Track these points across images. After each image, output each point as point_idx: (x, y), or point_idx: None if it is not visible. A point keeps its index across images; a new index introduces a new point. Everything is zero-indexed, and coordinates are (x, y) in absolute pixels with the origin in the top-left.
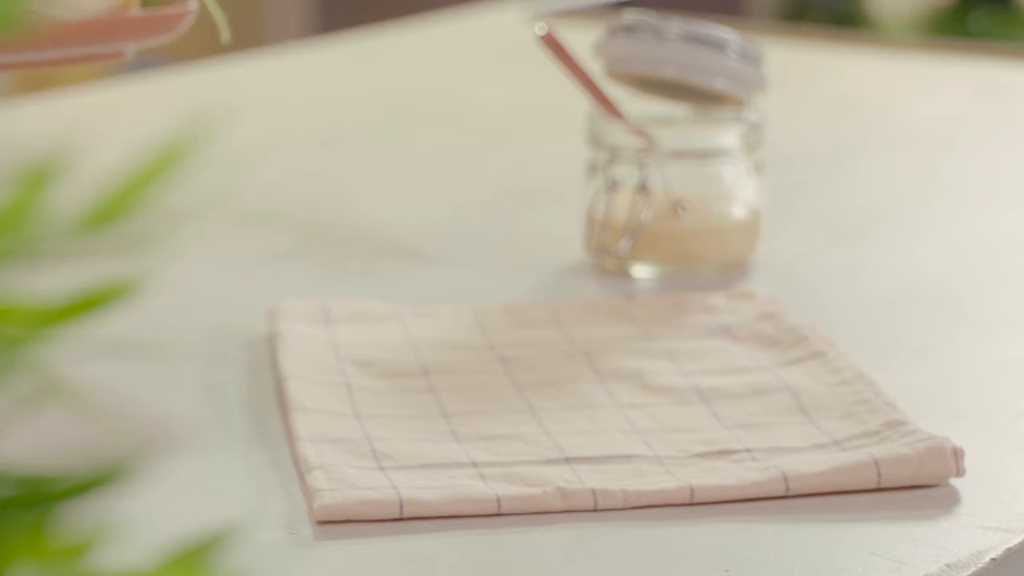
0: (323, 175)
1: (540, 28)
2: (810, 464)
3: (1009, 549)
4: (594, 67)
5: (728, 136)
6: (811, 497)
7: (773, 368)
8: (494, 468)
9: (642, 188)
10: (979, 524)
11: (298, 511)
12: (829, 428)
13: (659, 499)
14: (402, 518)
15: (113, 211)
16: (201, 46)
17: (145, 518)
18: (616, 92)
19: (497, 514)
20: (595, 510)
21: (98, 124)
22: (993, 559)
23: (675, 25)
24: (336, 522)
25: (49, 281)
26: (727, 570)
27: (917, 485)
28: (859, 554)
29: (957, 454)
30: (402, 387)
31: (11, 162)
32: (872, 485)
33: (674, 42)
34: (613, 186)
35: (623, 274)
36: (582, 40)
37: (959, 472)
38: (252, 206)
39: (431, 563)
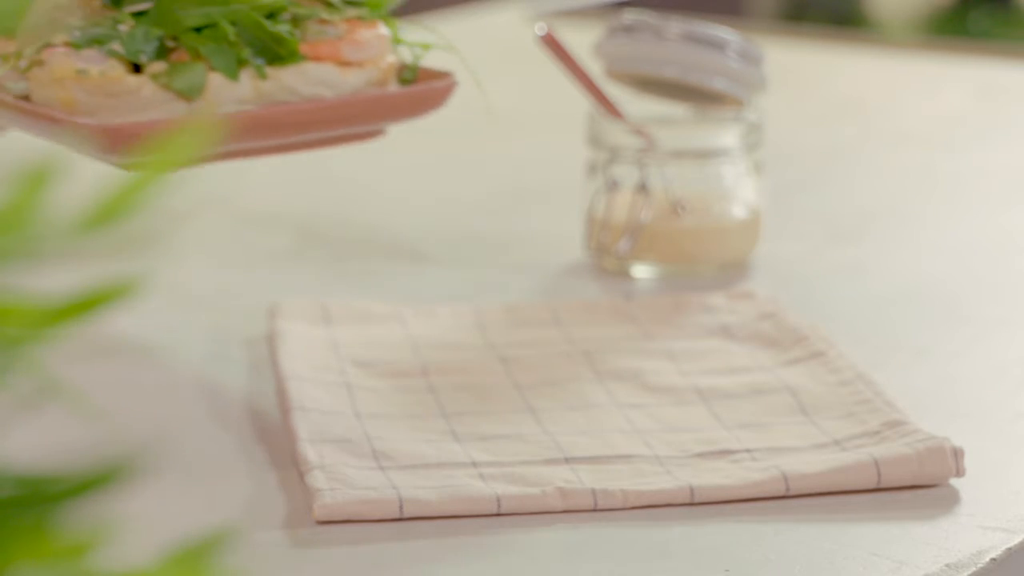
0: (323, 175)
1: (540, 28)
2: (810, 464)
3: (1009, 549)
4: (594, 67)
5: (728, 136)
6: (811, 497)
7: (773, 368)
8: (494, 468)
9: (642, 188)
10: (979, 524)
11: (298, 511)
12: (829, 428)
13: (659, 499)
14: (402, 518)
15: (113, 211)
16: None
17: (145, 518)
18: (616, 92)
19: (497, 514)
20: (595, 510)
21: None
22: (993, 559)
23: (675, 25)
24: (336, 522)
25: (49, 281)
26: (727, 570)
27: (917, 485)
28: (859, 554)
29: (957, 454)
30: (402, 387)
31: (11, 162)
32: (872, 485)
33: (674, 42)
34: (613, 186)
35: (623, 274)
36: (582, 40)
37: (959, 472)
38: (252, 206)
39: (431, 563)
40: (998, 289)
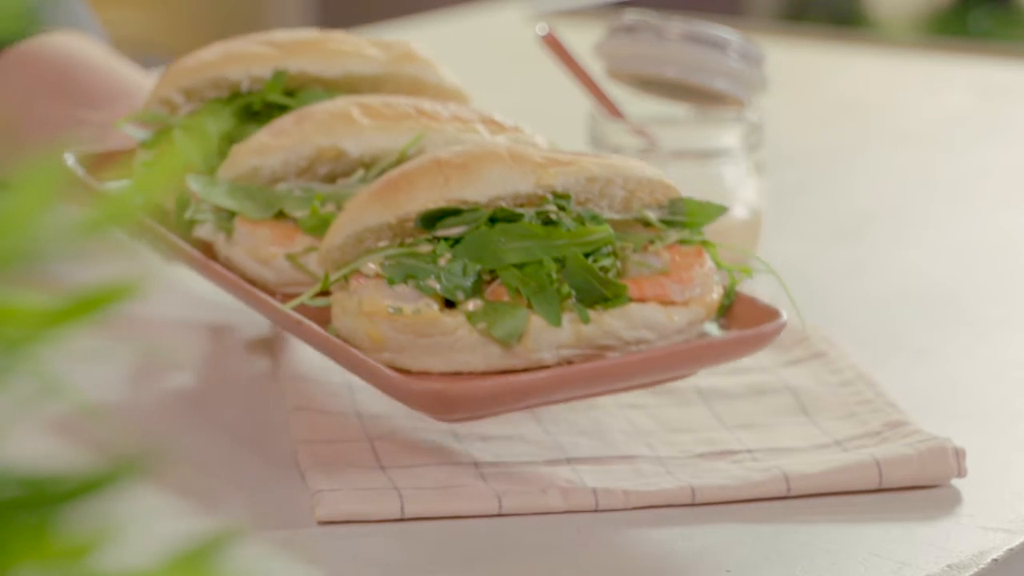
0: None
1: (540, 28)
2: (811, 464)
3: (1011, 550)
4: (595, 67)
5: (729, 136)
6: (812, 497)
7: (774, 368)
8: (495, 468)
9: None
10: (980, 525)
11: (298, 511)
12: (830, 428)
13: (660, 499)
14: (403, 518)
15: (113, 211)
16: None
17: (146, 518)
18: (617, 92)
19: (499, 514)
20: (596, 510)
21: None
22: (995, 560)
23: (676, 25)
24: (337, 522)
25: (49, 281)
26: (728, 570)
27: (918, 486)
28: (860, 554)
29: (959, 455)
30: None
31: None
32: (873, 486)
33: (675, 42)
34: None
35: None
36: (582, 40)
37: (961, 473)
38: None
39: (431, 563)
40: (998, 289)
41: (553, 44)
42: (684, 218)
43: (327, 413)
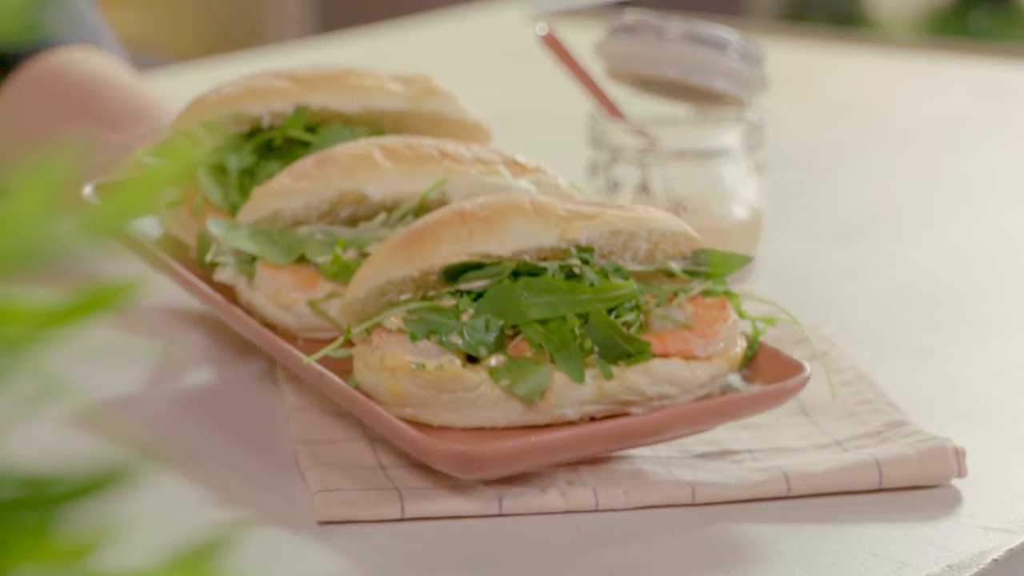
0: None
1: (540, 28)
2: (812, 464)
3: (1011, 550)
4: (595, 67)
5: (729, 136)
6: (812, 498)
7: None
8: None
9: (643, 188)
10: (980, 525)
11: (298, 511)
12: (830, 428)
13: (660, 499)
14: (404, 519)
15: (114, 212)
16: (201, 46)
17: (146, 518)
18: (617, 92)
19: (499, 515)
20: (596, 511)
21: None
22: (995, 560)
23: (676, 25)
24: (337, 522)
25: (49, 281)
26: (727, 570)
27: (918, 486)
28: (860, 554)
29: (959, 455)
30: None
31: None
32: (874, 486)
33: (675, 42)
34: (614, 186)
35: None
36: (582, 40)
37: (961, 473)
38: None
39: (432, 563)
40: (998, 289)
41: (553, 44)
42: (708, 269)
43: (327, 413)
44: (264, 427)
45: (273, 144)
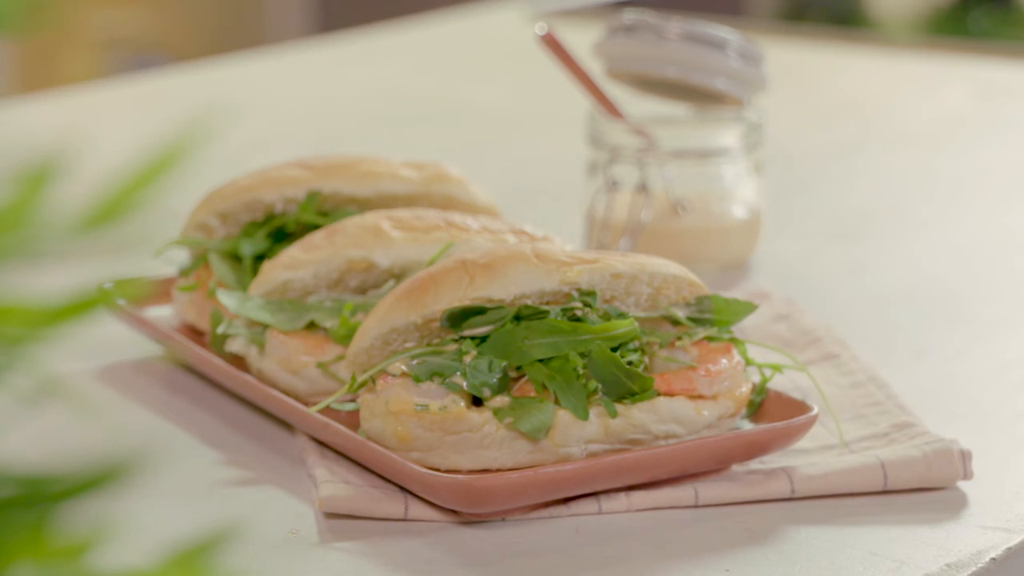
0: None
1: (540, 28)
2: (816, 466)
3: (1009, 549)
4: (594, 67)
5: (728, 136)
6: (813, 498)
7: (785, 370)
8: None
9: (642, 188)
10: (979, 524)
11: (299, 511)
12: (838, 430)
13: (663, 502)
14: (406, 519)
15: (113, 211)
16: (201, 46)
17: (145, 518)
18: (616, 92)
19: (501, 517)
20: (599, 514)
21: (98, 123)
22: (993, 559)
23: (675, 25)
24: (340, 516)
25: (49, 281)
26: (727, 570)
27: (924, 488)
28: (859, 554)
29: (965, 457)
30: None
31: (12, 161)
32: (878, 488)
33: (674, 42)
34: (613, 186)
35: None
36: (582, 40)
37: (967, 475)
38: None
39: (432, 564)
40: (998, 289)
41: (553, 44)
42: (712, 316)
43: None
44: (265, 426)
45: (287, 229)
